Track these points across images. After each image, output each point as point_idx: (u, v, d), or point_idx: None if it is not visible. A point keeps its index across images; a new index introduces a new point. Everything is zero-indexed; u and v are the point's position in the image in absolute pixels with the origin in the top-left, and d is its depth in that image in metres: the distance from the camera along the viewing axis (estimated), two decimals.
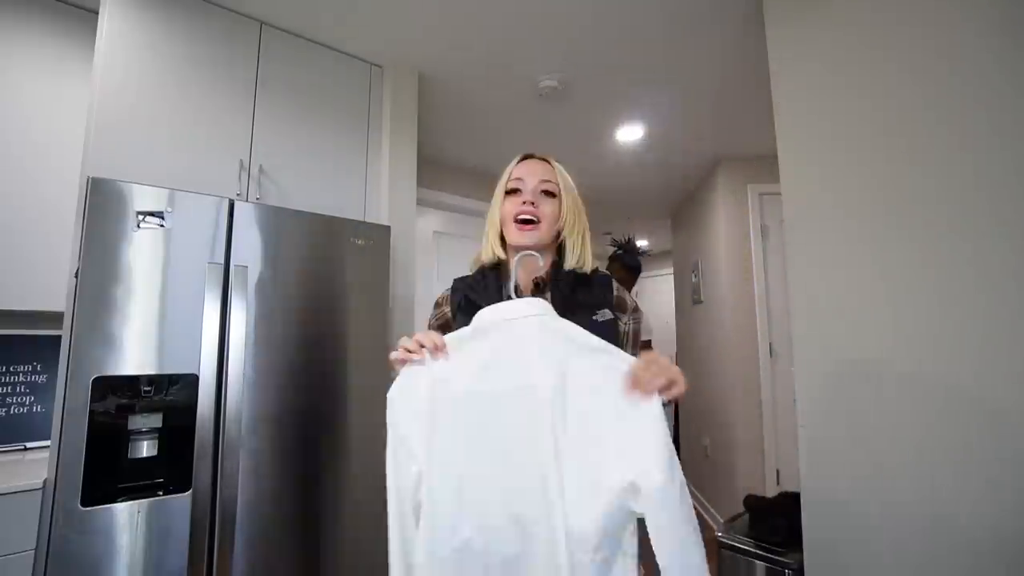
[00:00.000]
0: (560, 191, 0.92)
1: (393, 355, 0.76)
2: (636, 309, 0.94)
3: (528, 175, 0.91)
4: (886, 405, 1.13)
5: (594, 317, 0.85)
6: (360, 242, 1.65)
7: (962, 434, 0.99)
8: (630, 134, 2.70)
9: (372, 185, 1.94)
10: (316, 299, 1.55)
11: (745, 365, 2.90)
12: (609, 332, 0.83)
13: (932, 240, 1.06)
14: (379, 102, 2.01)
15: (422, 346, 0.73)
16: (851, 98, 1.24)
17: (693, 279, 3.72)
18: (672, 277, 4.54)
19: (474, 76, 2.15)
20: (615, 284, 0.94)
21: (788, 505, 1.49)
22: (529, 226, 0.88)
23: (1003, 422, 0.92)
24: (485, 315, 0.76)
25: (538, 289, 0.89)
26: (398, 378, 0.75)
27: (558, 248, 0.94)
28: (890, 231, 1.14)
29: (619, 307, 0.91)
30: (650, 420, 0.64)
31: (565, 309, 0.81)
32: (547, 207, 0.90)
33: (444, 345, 0.74)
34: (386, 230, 1.74)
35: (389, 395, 0.73)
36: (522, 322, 0.73)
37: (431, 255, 3.03)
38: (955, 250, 1.01)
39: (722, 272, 3.09)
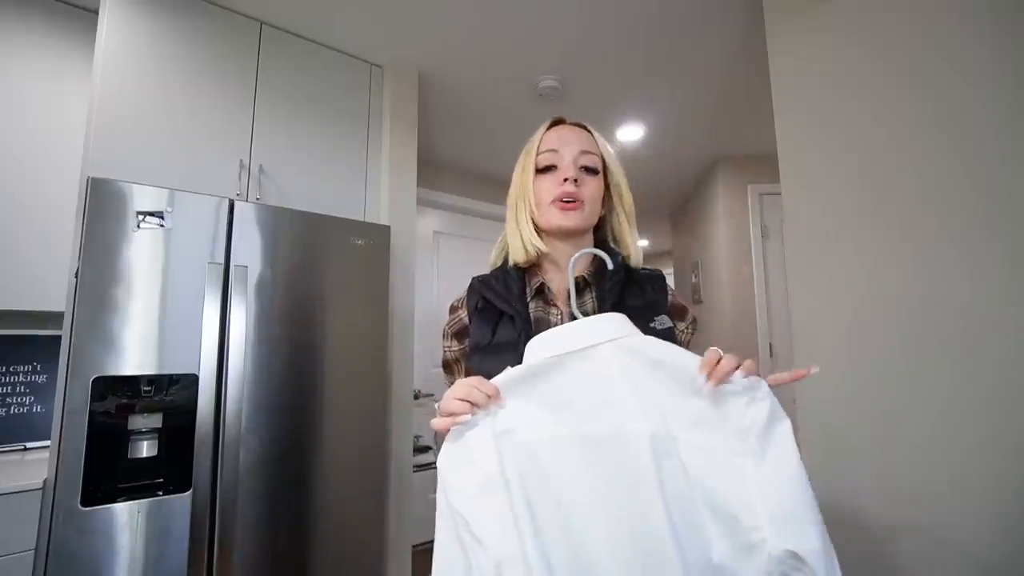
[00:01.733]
0: (604, 164, 0.77)
1: (435, 423, 0.58)
2: (695, 319, 0.79)
3: (564, 145, 0.75)
4: (886, 404, 1.13)
5: (652, 324, 0.71)
6: (360, 242, 1.65)
7: (964, 433, 0.99)
8: (630, 134, 2.70)
9: (372, 185, 1.94)
10: (316, 299, 1.55)
11: None
12: (669, 341, 0.71)
13: (931, 240, 1.06)
14: (379, 102, 2.01)
15: (472, 404, 0.56)
16: (851, 98, 1.24)
17: (693, 279, 3.72)
18: (672, 277, 4.55)
19: (474, 76, 2.15)
20: (669, 286, 0.79)
21: None
22: (573, 206, 0.72)
23: (1005, 419, 0.92)
24: (545, 344, 0.60)
25: (578, 291, 0.74)
26: (447, 443, 0.57)
27: (596, 236, 0.80)
28: (890, 231, 1.14)
29: (677, 314, 0.76)
30: (786, 469, 0.51)
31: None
32: (589, 185, 0.74)
33: (497, 392, 0.57)
34: (386, 230, 1.74)
35: (440, 466, 0.56)
36: (602, 349, 0.57)
37: (431, 255, 3.03)
38: (954, 250, 1.01)
39: (722, 272, 3.09)
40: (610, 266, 0.68)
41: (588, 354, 0.58)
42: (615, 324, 0.60)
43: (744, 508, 0.50)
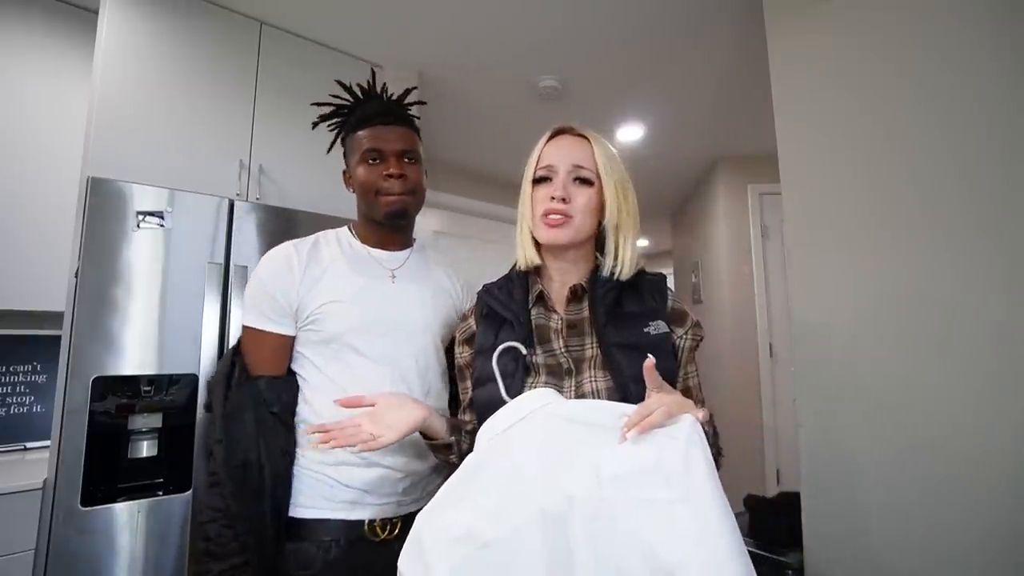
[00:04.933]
0: (599, 176, 0.77)
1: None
2: (697, 324, 0.79)
3: (559, 159, 0.77)
4: (887, 404, 1.13)
5: (646, 329, 0.73)
6: None
7: (964, 433, 0.99)
8: (630, 134, 2.70)
9: None
10: None
11: (745, 365, 2.90)
12: (662, 346, 0.72)
13: (931, 239, 1.06)
14: None
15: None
16: (851, 98, 1.24)
17: (693, 279, 3.72)
18: (672, 277, 4.55)
19: (474, 76, 2.15)
20: (671, 293, 0.80)
21: (788, 505, 1.49)
22: (559, 221, 0.74)
23: (1003, 416, 0.93)
24: (488, 430, 0.64)
25: (576, 297, 0.77)
26: (408, 544, 0.57)
27: (598, 243, 0.81)
28: (890, 230, 1.14)
29: (676, 320, 0.77)
30: (709, 512, 0.50)
31: (610, 321, 0.73)
32: (581, 197, 0.75)
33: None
34: None
35: (400, 567, 0.56)
36: (536, 419, 0.60)
37: None
38: (954, 249, 1.02)
39: (722, 272, 3.09)
40: (523, 351, 0.72)
41: (526, 427, 0.60)
42: (541, 396, 0.64)
43: (677, 560, 0.49)
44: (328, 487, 0.83)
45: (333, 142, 1.05)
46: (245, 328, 0.89)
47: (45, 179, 1.53)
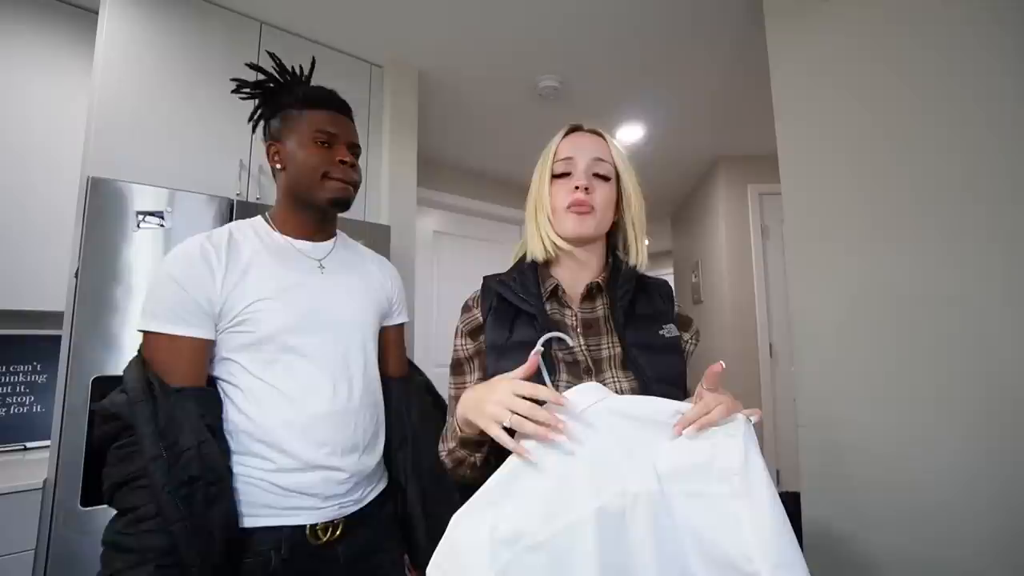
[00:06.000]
0: (618, 173, 0.78)
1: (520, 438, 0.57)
2: (698, 331, 0.81)
3: (578, 153, 0.77)
4: (887, 404, 1.13)
5: (661, 332, 0.74)
6: (360, 242, 1.65)
7: (964, 433, 0.99)
8: (630, 134, 2.71)
9: (372, 185, 1.94)
10: None
11: (745, 365, 2.90)
12: (675, 350, 0.73)
13: (929, 240, 1.06)
14: (379, 102, 2.01)
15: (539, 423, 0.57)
16: (851, 98, 1.24)
17: (693, 279, 3.73)
18: (672, 277, 4.55)
19: (474, 76, 2.15)
20: (675, 296, 0.82)
21: (788, 505, 1.49)
22: (586, 210, 0.74)
23: (1006, 419, 0.93)
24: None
25: (590, 295, 0.77)
26: (440, 551, 0.54)
27: (608, 243, 0.81)
28: (889, 231, 1.14)
29: (682, 325, 0.78)
30: (770, 510, 0.51)
31: (627, 321, 0.73)
32: (601, 192, 0.76)
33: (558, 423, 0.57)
34: (386, 230, 1.74)
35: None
36: (588, 415, 0.58)
37: (431, 255, 3.03)
38: (952, 250, 1.02)
39: (722, 272, 3.09)
40: (570, 344, 0.71)
41: (579, 424, 0.58)
42: (592, 390, 0.61)
43: (741, 555, 0.49)
44: (269, 494, 0.77)
45: (256, 112, 1.02)
46: (155, 336, 0.76)
47: (45, 179, 1.53)
